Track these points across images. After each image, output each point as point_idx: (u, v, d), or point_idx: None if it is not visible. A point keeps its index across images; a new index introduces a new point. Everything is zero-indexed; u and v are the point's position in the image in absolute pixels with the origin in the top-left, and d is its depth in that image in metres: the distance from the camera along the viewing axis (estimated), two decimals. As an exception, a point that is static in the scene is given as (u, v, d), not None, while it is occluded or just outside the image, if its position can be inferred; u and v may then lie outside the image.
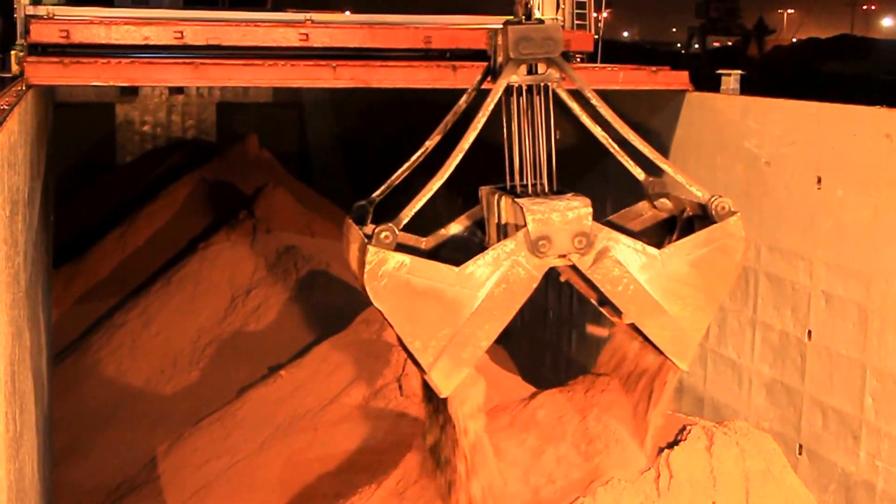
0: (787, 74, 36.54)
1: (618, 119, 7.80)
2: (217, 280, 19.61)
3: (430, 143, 8.03)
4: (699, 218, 8.17)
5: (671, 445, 9.76)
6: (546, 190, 7.95)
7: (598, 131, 7.83)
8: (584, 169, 8.37)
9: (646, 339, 8.09)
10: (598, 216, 8.55)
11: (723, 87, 14.07)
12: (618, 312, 8.01)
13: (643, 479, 9.22)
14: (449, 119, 8.05)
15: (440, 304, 7.39)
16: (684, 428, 9.98)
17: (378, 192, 7.99)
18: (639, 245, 7.65)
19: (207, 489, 13.37)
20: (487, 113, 7.76)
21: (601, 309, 8.26)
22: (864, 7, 79.93)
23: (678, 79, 14.38)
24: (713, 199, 7.95)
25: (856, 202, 11.36)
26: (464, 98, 8.06)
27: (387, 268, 7.28)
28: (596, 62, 16.00)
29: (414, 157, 8.07)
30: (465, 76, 14.48)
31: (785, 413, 12.42)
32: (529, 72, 7.97)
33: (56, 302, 18.69)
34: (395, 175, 8.08)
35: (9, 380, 6.98)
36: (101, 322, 20.18)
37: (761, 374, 12.84)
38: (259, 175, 25.87)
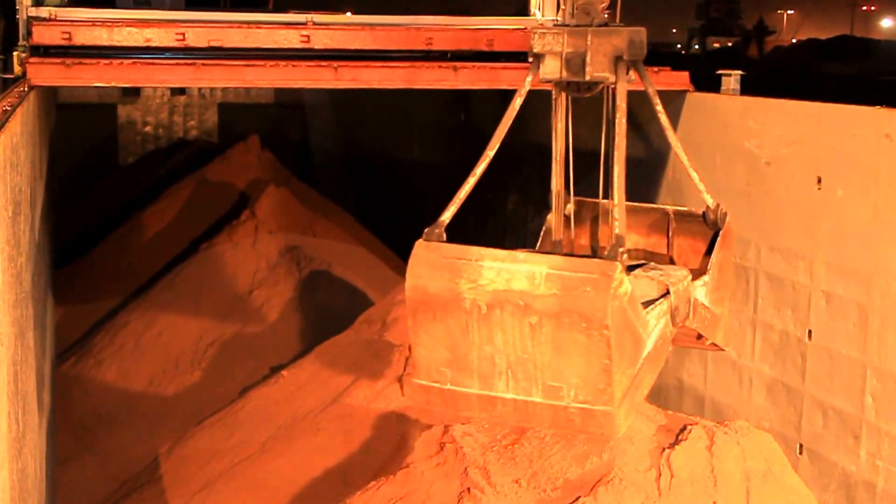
0: (787, 75, 36.53)
1: (671, 127, 8.19)
2: (219, 280, 19.64)
3: (490, 152, 7.81)
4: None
5: (672, 445, 9.80)
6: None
7: (679, 148, 8.09)
8: (583, 170, 8.39)
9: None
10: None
11: (723, 87, 14.09)
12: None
13: (644, 479, 9.26)
14: (505, 123, 7.83)
15: (632, 341, 7.24)
16: (685, 427, 10.03)
17: (449, 214, 7.75)
18: (701, 280, 8.25)
19: (209, 489, 13.40)
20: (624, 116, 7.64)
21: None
22: (864, 8, 79.86)
23: (678, 79, 14.40)
24: (719, 207, 8.58)
25: (856, 202, 11.38)
26: (518, 99, 7.84)
27: (621, 290, 6.95)
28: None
29: (477, 169, 7.86)
30: (467, 77, 14.52)
31: (785, 413, 12.44)
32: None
33: (58, 302, 18.70)
34: (461, 190, 7.84)
35: (11, 380, 7.01)
36: (104, 322, 20.20)
37: (762, 373, 12.86)
38: (261, 176, 25.89)
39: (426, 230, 7.57)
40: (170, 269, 21.31)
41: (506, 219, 20.68)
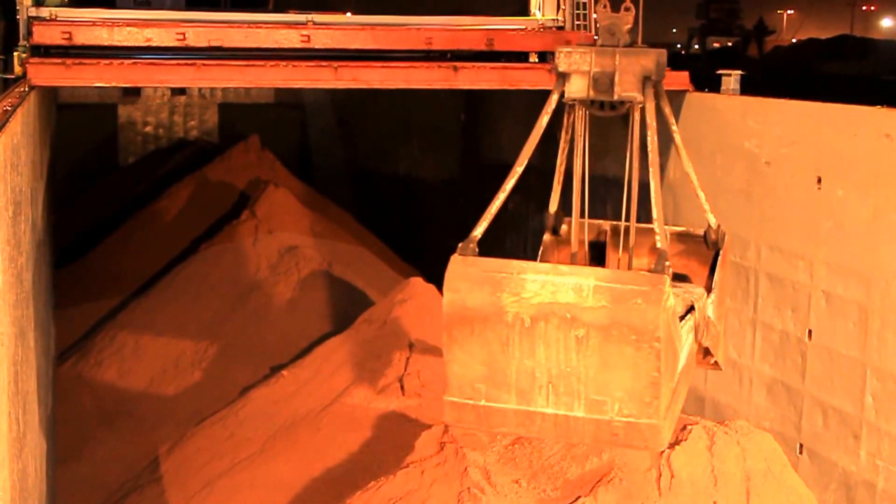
0: (787, 75, 36.54)
1: (684, 148, 8.31)
2: (219, 280, 19.64)
3: (518, 168, 7.89)
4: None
5: (672, 445, 9.79)
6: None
7: (690, 168, 8.25)
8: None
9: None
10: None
11: (723, 87, 14.10)
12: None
13: (644, 479, 9.25)
14: (532, 140, 7.92)
15: (673, 355, 7.29)
16: (685, 428, 10.02)
17: (481, 229, 7.75)
18: (710, 298, 8.37)
19: (210, 489, 13.40)
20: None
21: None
22: (864, 7, 79.84)
23: (678, 79, 14.39)
24: (720, 227, 8.73)
25: (856, 202, 11.38)
26: (545, 117, 7.96)
27: (669, 303, 7.03)
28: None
29: (506, 185, 7.92)
30: (467, 77, 14.53)
31: (785, 412, 12.44)
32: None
33: (59, 302, 18.69)
34: (492, 206, 7.88)
35: (12, 380, 7.02)
36: (104, 322, 20.20)
37: (762, 373, 12.87)
38: (261, 175, 25.89)
39: (460, 245, 7.55)
40: (170, 269, 21.30)
41: (506, 218, 20.65)
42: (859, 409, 11.29)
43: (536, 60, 16.13)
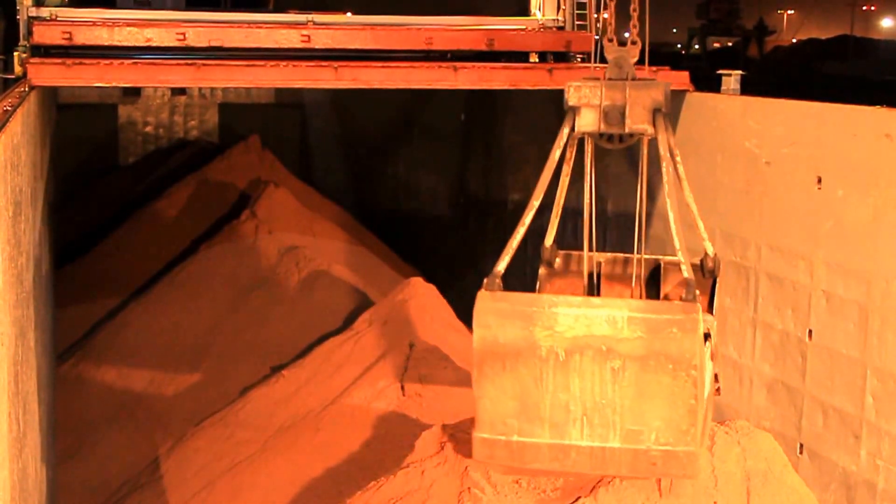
0: (787, 75, 36.55)
1: (686, 178, 8.22)
2: (219, 280, 19.64)
3: (535, 202, 7.95)
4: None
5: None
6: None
7: (691, 198, 8.20)
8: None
9: None
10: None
11: (723, 87, 14.10)
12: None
13: (645, 480, 9.23)
14: (546, 174, 7.98)
15: (704, 382, 7.37)
16: (685, 427, 10.00)
17: (503, 265, 7.79)
18: (711, 318, 8.37)
19: (210, 489, 13.40)
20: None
21: None
22: (864, 7, 79.83)
23: (678, 79, 14.40)
24: (716, 255, 8.77)
25: (856, 202, 11.38)
26: (557, 151, 8.00)
27: (701, 331, 7.17)
28: (596, 62, 16.02)
29: (525, 218, 7.96)
30: (467, 77, 14.53)
31: (786, 412, 12.44)
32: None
33: (59, 302, 18.70)
34: (512, 240, 7.91)
35: (12, 380, 7.01)
36: (104, 322, 20.21)
37: (762, 373, 12.86)
38: (261, 175, 25.90)
39: (485, 281, 7.61)
40: (170, 268, 21.31)
41: (506, 219, 20.67)
42: (859, 408, 11.29)
43: (537, 60, 16.13)
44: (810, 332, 12.06)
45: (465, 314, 16.58)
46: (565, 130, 7.97)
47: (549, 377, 7.27)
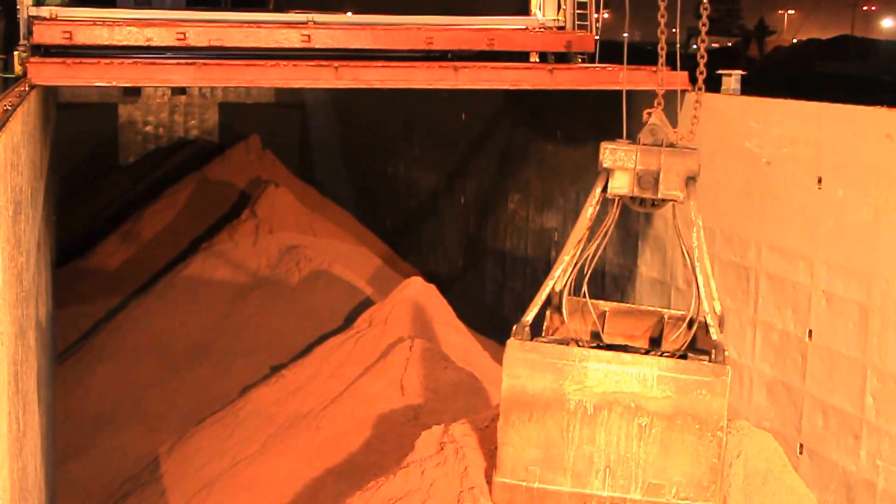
0: (787, 75, 36.54)
1: (704, 242, 8.31)
2: (219, 280, 19.65)
3: (566, 257, 8.21)
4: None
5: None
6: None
7: (706, 260, 8.30)
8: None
9: None
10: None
11: (723, 87, 14.08)
12: None
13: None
14: (578, 230, 8.24)
15: (727, 440, 7.82)
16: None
17: (532, 314, 8.03)
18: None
19: (210, 488, 13.40)
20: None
21: None
22: (865, 8, 79.78)
23: (678, 79, 14.36)
24: (722, 310, 8.91)
25: (856, 202, 11.38)
26: (589, 209, 8.22)
27: (728, 393, 7.48)
28: (596, 62, 16.04)
29: (554, 272, 8.21)
30: (467, 76, 14.51)
31: (786, 412, 12.44)
32: None
33: (59, 301, 18.70)
34: (541, 293, 8.15)
35: (12, 379, 7.01)
36: (104, 321, 20.21)
37: (762, 373, 12.86)
38: (261, 175, 25.91)
39: (514, 328, 7.86)
40: (170, 268, 21.31)
41: (506, 218, 20.67)
42: (859, 409, 11.29)
43: (537, 60, 16.13)
44: (810, 332, 12.06)
45: (464, 314, 16.60)
46: (597, 190, 8.21)
47: (575, 429, 7.56)
